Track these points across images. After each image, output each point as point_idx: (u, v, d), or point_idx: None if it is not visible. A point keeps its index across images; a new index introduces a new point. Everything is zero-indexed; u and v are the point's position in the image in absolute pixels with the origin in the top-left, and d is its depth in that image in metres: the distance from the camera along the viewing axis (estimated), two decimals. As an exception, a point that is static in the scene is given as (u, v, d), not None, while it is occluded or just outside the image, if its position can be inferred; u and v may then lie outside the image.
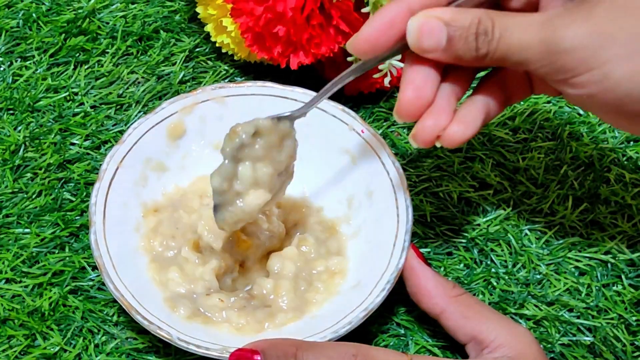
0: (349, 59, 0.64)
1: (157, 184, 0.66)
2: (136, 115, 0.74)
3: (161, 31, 0.81)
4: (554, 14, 0.50)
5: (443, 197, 0.69)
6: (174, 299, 0.60)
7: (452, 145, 0.54)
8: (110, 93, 0.76)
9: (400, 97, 0.54)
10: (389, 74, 0.67)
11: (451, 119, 0.54)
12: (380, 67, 0.68)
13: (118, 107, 0.75)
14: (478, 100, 0.56)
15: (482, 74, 0.59)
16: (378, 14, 0.54)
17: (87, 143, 0.72)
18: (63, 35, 0.79)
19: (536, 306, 0.63)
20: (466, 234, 0.67)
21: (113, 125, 0.74)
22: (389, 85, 0.69)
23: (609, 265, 0.65)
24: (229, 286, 0.62)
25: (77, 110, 0.75)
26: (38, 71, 0.77)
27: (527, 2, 0.55)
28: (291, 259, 0.62)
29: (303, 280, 0.62)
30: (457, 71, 0.55)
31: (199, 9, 0.75)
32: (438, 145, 0.54)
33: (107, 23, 0.81)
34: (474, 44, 0.51)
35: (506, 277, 0.65)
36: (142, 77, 0.77)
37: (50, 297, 0.63)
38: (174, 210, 0.65)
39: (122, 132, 0.71)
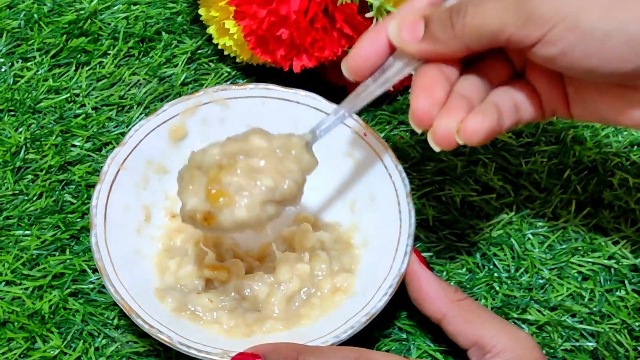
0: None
1: (159, 186, 0.66)
2: (138, 117, 0.74)
3: (163, 33, 0.81)
4: None
5: (446, 201, 0.69)
6: (165, 290, 0.60)
7: (472, 140, 0.52)
8: (112, 95, 0.76)
9: (412, 106, 0.53)
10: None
11: (466, 113, 0.53)
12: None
13: (119, 108, 0.75)
14: (498, 93, 0.55)
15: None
16: (364, 34, 0.56)
17: (88, 145, 0.72)
18: (64, 36, 0.79)
19: (539, 311, 0.63)
20: (469, 238, 0.67)
21: (114, 127, 0.73)
22: (392, 89, 0.69)
23: (612, 270, 0.65)
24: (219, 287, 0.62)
25: (78, 111, 0.74)
26: (39, 72, 0.77)
27: None
28: (301, 277, 0.61)
29: (301, 298, 0.61)
30: (467, 83, 0.55)
31: (201, 11, 0.75)
32: (461, 142, 0.52)
33: (109, 24, 0.81)
34: (448, 22, 0.51)
35: (509, 282, 0.65)
36: (144, 79, 0.77)
37: (50, 300, 0.63)
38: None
39: (123, 134, 0.71)
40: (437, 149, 0.53)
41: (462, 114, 0.52)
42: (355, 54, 0.56)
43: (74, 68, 0.78)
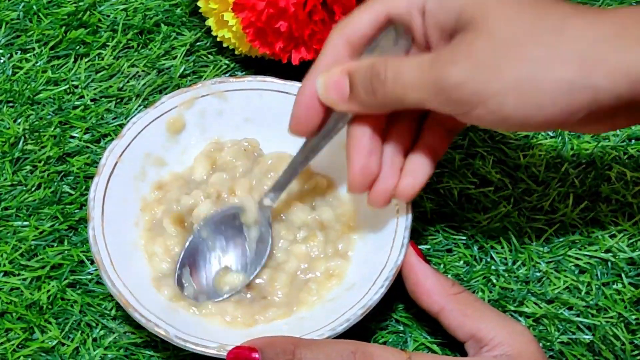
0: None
1: (156, 179, 0.66)
2: (136, 109, 0.74)
3: (162, 25, 0.81)
4: (440, 53, 0.51)
5: (443, 194, 0.69)
6: (159, 279, 0.61)
7: (408, 199, 0.59)
8: (111, 86, 0.76)
9: (349, 177, 0.57)
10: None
11: (399, 177, 0.58)
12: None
13: (118, 100, 0.75)
14: (421, 147, 0.59)
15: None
16: (299, 93, 0.58)
17: (87, 136, 0.72)
18: (63, 27, 0.79)
19: (536, 304, 0.63)
20: (466, 231, 0.67)
21: (113, 119, 0.73)
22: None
23: (609, 263, 0.65)
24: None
25: (77, 103, 0.74)
26: (38, 64, 0.77)
27: (425, 46, 0.56)
28: (298, 257, 0.62)
29: (300, 279, 0.62)
30: (398, 125, 0.58)
31: (200, 3, 0.75)
32: (394, 201, 0.59)
33: (108, 16, 0.81)
34: (370, 87, 0.53)
35: (506, 275, 0.65)
36: (143, 71, 0.77)
37: (48, 291, 0.63)
38: (182, 185, 0.65)
39: (122, 126, 0.71)
40: (372, 208, 0.59)
41: (394, 180, 0.58)
42: (296, 118, 0.58)
43: (72, 59, 0.78)
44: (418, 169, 0.58)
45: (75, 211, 0.68)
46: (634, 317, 0.63)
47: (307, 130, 0.58)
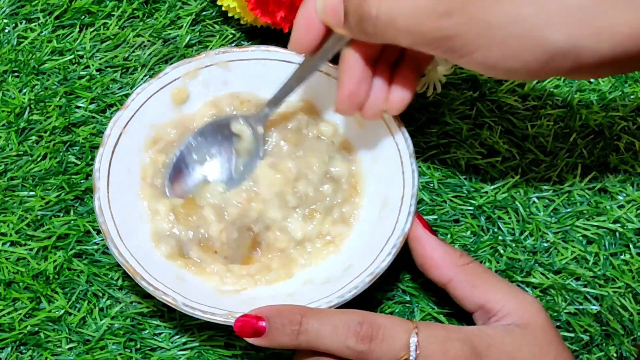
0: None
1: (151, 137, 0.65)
2: (142, 79, 0.74)
3: (167, -6, 0.80)
4: (436, 2, 0.51)
5: (451, 164, 0.69)
6: (159, 236, 0.61)
7: (398, 112, 0.60)
8: (116, 56, 0.75)
9: (338, 100, 0.58)
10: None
11: (388, 90, 0.59)
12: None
13: (124, 70, 0.75)
14: (406, 63, 0.59)
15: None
16: (299, 12, 0.58)
17: (92, 106, 0.72)
18: (68, -3, 0.79)
19: (543, 274, 0.63)
20: (473, 202, 0.67)
21: (119, 89, 0.73)
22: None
23: (617, 234, 0.65)
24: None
25: (82, 73, 0.74)
26: (43, 33, 0.76)
27: None
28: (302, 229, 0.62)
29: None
30: (390, 46, 0.58)
31: (205, -28, 0.74)
32: (386, 116, 0.60)
33: (113, -15, 0.80)
34: (360, 24, 0.53)
35: (513, 245, 0.65)
36: (148, 41, 0.77)
37: (55, 261, 0.63)
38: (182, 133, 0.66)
39: (127, 96, 0.71)
40: (366, 119, 0.60)
41: (385, 93, 0.59)
42: (296, 35, 0.58)
43: (77, 29, 0.77)
44: (405, 83, 0.59)
45: (81, 181, 0.67)
46: (641, 287, 0.63)
47: (305, 48, 0.59)
